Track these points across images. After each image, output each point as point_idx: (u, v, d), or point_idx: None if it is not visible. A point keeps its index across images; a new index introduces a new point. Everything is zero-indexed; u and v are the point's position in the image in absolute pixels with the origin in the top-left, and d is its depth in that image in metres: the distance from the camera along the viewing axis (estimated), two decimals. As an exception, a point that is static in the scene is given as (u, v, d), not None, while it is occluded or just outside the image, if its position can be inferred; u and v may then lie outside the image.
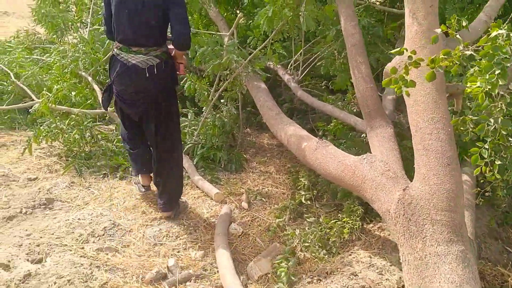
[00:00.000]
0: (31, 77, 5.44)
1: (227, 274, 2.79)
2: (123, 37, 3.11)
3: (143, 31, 3.06)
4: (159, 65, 3.12)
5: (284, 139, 3.38)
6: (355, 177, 2.69)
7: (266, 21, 3.69)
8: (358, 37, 3.21)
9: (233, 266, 2.88)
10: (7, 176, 4.10)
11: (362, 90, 3.10)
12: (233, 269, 2.85)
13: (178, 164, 3.50)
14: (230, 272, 2.80)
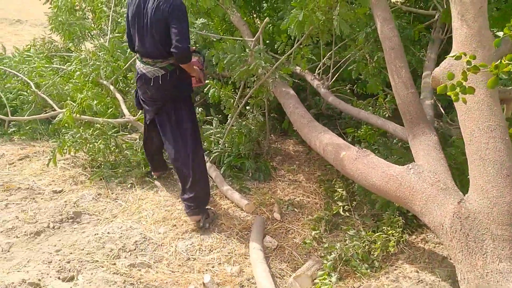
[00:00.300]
0: (52, 87, 5.36)
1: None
2: (137, 48, 3.45)
3: (150, 44, 3.31)
4: (164, 76, 3.37)
5: (320, 148, 3.25)
6: (402, 188, 2.56)
7: (296, 26, 3.56)
8: (396, 40, 3.08)
9: (272, 282, 2.76)
10: (32, 189, 4.02)
11: (403, 96, 2.96)
12: (273, 286, 2.73)
13: (195, 168, 3.51)
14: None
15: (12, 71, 5.75)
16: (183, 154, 3.50)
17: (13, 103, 5.42)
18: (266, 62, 3.99)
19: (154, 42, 3.28)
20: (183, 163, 3.50)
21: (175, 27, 3.15)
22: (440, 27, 4.37)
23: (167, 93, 3.44)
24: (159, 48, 3.29)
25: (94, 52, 5.34)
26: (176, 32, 3.15)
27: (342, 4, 3.26)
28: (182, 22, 3.18)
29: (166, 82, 3.38)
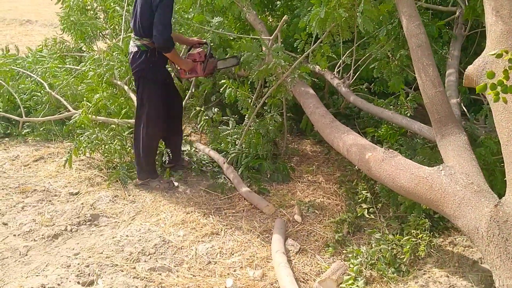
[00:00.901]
0: (66, 87, 5.32)
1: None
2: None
3: (134, 22, 3.67)
4: (135, 54, 3.68)
5: (343, 149, 3.16)
6: (433, 190, 2.47)
7: (318, 23, 3.48)
8: (423, 37, 2.98)
9: (297, 287, 2.68)
10: (48, 191, 3.97)
11: (431, 95, 2.87)
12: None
13: (136, 143, 3.94)
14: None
15: (26, 71, 5.71)
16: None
17: (27, 103, 5.38)
18: (285, 61, 3.91)
19: (136, 20, 3.62)
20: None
21: (157, 16, 3.43)
22: (463, 24, 4.27)
23: (135, 70, 3.73)
24: (138, 26, 3.61)
25: (108, 52, 5.28)
26: (157, 21, 3.44)
27: (366, 1, 3.17)
28: (165, 12, 3.45)
29: (135, 60, 3.68)
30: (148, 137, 3.88)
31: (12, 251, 3.12)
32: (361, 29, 3.22)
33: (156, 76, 3.77)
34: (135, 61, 3.71)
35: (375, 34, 4.16)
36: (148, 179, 4.02)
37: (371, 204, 3.46)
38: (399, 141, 3.92)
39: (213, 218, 3.57)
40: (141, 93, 3.81)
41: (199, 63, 3.94)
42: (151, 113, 3.83)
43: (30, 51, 6.59)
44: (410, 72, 4.00)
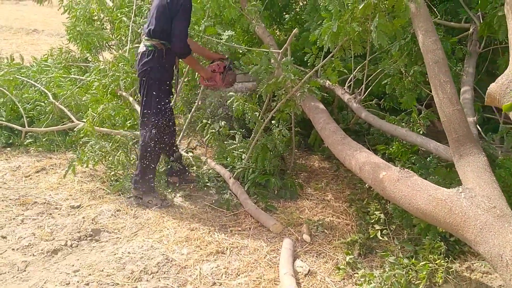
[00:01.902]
0: (70, 97, 5.23)
1: (303, 323, 2.46)
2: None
3: (147, 23, 3.74)
4: (143, 53, 3.70)
5: (355, 167, 3.04)
6: (453, 214, 2.34)
7: (330, 37, 3.37)
8: (440, 53, 2.88)
9: (307, 312, 2.55)
10: (49, 204, 3.87)
11: (448, 113, 2.76)
12: (308, 316, 2.52)
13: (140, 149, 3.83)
14: (306, 321, 2.47)
15: (30, 81, 5.63)
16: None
17: (30, 113, 5.29)
18: (295, 75, 3.81)
19: (149, 21, 3.70)
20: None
21: (175, 21, 3.53)
22: (477, 40, 4.17)
23: (141, 70, 3.72)
24: (149, 27, 3.65)
25: (113, 62, 5.20)
26: (175, 27, 3.55)
27: (381, 15, 3.06)
28: (183, 18, 3.54)
29: (143, 59, 3.70)
30: (152, 141, 3.79)
31: (10, 266, 3.01)
32: (375, 43, 3.11)
33: (162, 77, 3.75)
34: (142, 60, 3.71)
35: (387, 49, 4.07)
36: (144, 193, 3.87)
37: (384, 225, 3.32)
38: (411, 160, 3.80)
39: (218, 235, 3.45)
40: (146, 94, 3.75)
41: (218, 74, 4.00)
42: (156, 117, 3.77)
43: (35, 60, 6.51)
44: (424, 88, 3.89)
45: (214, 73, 4.02)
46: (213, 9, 4.56)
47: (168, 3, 3.53)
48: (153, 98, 3.73)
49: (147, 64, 3.68)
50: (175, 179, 4.21)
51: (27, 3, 22.28)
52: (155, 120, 3.76)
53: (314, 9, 4.84)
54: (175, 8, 3.52)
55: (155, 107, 3.75)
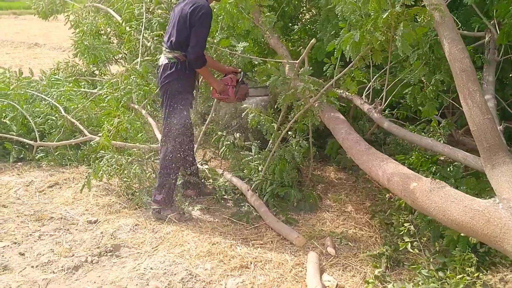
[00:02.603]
0: (82, 111, 5.18)
1: None
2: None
3: (167, 35, 3.74)
4: (166, 66, 3.67)
5: (383, 178, 2.99)
6: (491, 225, 2.28)
7: (352, 47, 3.35)
8: (467, 62, 2.84)
9: (341, 328, 2.48)
10: (66, 219, 3.80)
11: (478, 122, 2.71)
12: (342, 332, 2.45)
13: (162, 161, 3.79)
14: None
15: (40, 94, 5.59)
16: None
17: (41, 127, 5.24)
18: (313, 85, 3.78)
19: (169, 33, 3.69)
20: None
21: (192, 32, 3.52)
22: (495, 49, 4.15)
23: (163, 82, 3.69)
24: (170, 39, 3.64)
25: (125, 75, 5.16)
26: (191, 37, 3.53)
27: (406, 24, 3.04)
28: (201, 28, 3.52)
29: (165, 71, 3.67)
30: (173, 153, 3.76)
31: (31, 284, 2.94)
32: (400, 53, 3.08)
33: (184, 89, 3.73)
34: (164, 73, 3.68)
35: (403, 59, 4.04)
36: (162, 206, 3.81)
37: (413, 237, 3.25)
38: (431, 169, 3.75)
39: (240, 249, 3.39)
40: (168, 106, 3.72)
41: (230, 87, 3.95)
42: (178, 129, 3.74)
43: (44, 74, 6.47)
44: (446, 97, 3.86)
45: (226, 86, 3.99)
46: (227, 21, 4.55)
47: (189, 14, 3.51)
48: (176, 110, 3.70)
49: (170, 76, 3.65)
50: (192, 192, 4.16)
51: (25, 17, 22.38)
52: (178, 132, 3.73)
53: (327, 20, 4.83)
54: (195, 19, 3.50)
55: (178, 119, 3.71)
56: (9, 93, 5.51)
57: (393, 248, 3.22)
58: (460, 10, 5.00)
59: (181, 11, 3.58)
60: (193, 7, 3.51)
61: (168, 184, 3.77)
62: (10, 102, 5.33)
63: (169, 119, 3.73)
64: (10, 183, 4.50)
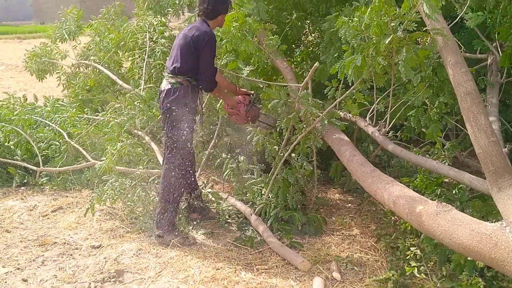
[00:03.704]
0: (85, 136, 5.21)
1: None
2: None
3: (169, 60, 3.77)
4: (169, 91, 3.67)
5: (389, 200, 2.97)
6: (499, 249, 2.26)
7: (354, 71, 3.37)
8: (471, 84, 2.86)
9: None
10: (69, 244, 3.78)
11: (483, 145, 2.71)
12: None
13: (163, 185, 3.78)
14: None
15: (45, 120, 5.63)
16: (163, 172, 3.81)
17: (44, 152, 5.25)
18: (315, 108, 3.80)
19: (173, 59, 3.69)
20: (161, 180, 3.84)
21: (201, 59, 3.59)
22: (498, 71, 4.17)
23: (166, 107, 3.68)
24: (174, 64, 3.65)
25: (129, 101, 5.20)
26: (201, 64, 3.61)
27: (408, 48, 3.06)
28: (209, 54, 3.60)
29: (168, 96, 3.66)
30: (174, 178, 3.76)
31: (33, 312, 2.91)
32: (402, 77, 3.09)
33: (186, 114, 3.71)
34: (167, 97, 3.67)
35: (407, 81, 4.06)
36: (166, 231, 3.79)
37: (420, 262, 3.22)
38: (436, 192, 3.73)
39: (245, 274, 3.35)
40: (170, 131, 3.72)
41: (242, 104, 4.01)
42: (181, 153, 3.75)
43: (48, 101, 6.51)
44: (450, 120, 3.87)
45: (239, 103, 4.02)
46: (231, 44, 4.58)
47: (193, 41, 3.56)
48: (178, 135, 3.70)
49: (173, 101, 3.65)
50: (196, 216, 4.14)
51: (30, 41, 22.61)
52: (180, 157, 3.73)
53: (330, 42, 4.87)
54: (200, 45, 3.55)
55: (180, 143, 3.71)
56: (13, 118, 5.54)
57: (399, 273, 3.18)
58: (462, 32, 5.05)
59: (184, 38, 3.62)
60: (197, 33, 3.57)
61: (170, 209, 3.76)
62: (14, 127, 5.36)
63: (171, 145, 3.73)
64: (13, 207, 4.49)
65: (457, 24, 4.97)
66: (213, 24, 3.75)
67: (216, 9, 3.67)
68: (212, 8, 3.65)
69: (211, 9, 3.65)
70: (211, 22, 3.72)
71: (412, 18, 3.02)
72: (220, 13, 3.72)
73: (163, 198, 3.78)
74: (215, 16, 3.70)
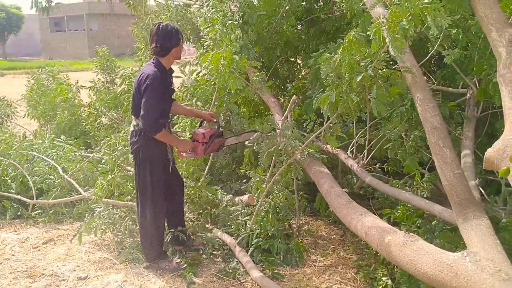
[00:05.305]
0: (79, 171, 5.37)
1: None
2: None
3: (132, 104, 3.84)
4: (132, 132, 3.79)
5: (361, 231, 3.07)
6: (458, 279, 2.35)
7: (329, 106, 3.52)
8: (438, 119, 2.99)
9: None
10: (56, 275, 3.87)
11: (449, 177, 2.82)
12: None
13: (140, 224, 3.91)
14: None
15: (41, 156, 5.79)
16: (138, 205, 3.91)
17: (39, 185, 5.39)
18: (295, 141, 3.93)
19: (131, 103, 3.84)
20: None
21: (143, 101, 3.56)
22: (474, 105, 4.30)
23: (132, 148, 3.80)
24: (133, 107, 3.79)
25: (123, 137, 5.36)
26: (142, 106, 3.56)
27: (378, 85, 3.21)
28: (150, 97, 3.54)
29: (133, 137, 3.77)
30: (151, 218, 3.83)
31: None
32: (374, 113, 3.24)
33: (152, 154, 3.77)
34: (131, 139, 3.80)
35: (387, 115, 4.20)
36: (157, 260, 3.90)
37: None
38: (416, 223, 3.82)
39: (226, 306, 3.42)
40: (138, 171, 3.80)
41: (200, 144, 3.89)
42: (151, 193, 3.81)
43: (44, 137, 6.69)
44: (425, 153, 3.98)
45: (196, 143, 3.91)
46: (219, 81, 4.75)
47: (138, 84, 3.63)
48: (146, 174, 3.78)
49: (136, 142, 3.74)
50: (180, 247, 4.22)
51: (38, 76, 23.19)
52: (151, 196, 3.82)
53: (316, 78, 5.04)
54: (143, 88, 3.57)
55: (150, 183, 3.79)
56: (11, 152, 5.72)
57: (375, 303, 3.24)
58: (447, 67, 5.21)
59: (135, 80, 3.72)
60: (141, 76, 3.62)
61: (153, 242, 3.88)
62: (11, 161, 5.53)
63: (141, 184, 3.81)
64: (6, 239, 4.59)
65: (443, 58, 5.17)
66: (168, 59, 3.75)
67: (165, 46, 3.65)
68: (161, 45, 3.64)
69: (160, 47, 3.64)
70: (165, 58, 3.71)
71: (382, 58, 3.18)
72: (171, 48, 3.68)
73: (143, 235, 3.92)
74: (166, 52, 3.68)
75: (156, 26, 3.67)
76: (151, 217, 3.82)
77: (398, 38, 2.91)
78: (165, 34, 3.63)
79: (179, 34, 3.72)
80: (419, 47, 4.78)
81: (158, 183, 3.82)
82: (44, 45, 45.62)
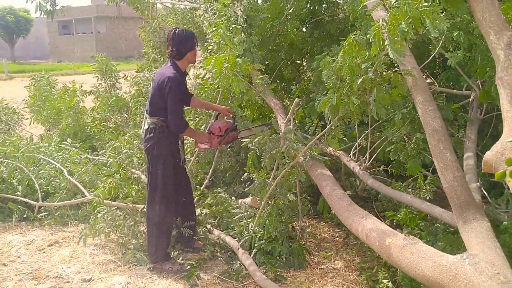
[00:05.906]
0: (85, 174, 5.41)
1: None
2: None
3: (148, 103, 3.98)
4: (147, 130, 3.91)
5: (362, 233, 3.08)
6: (457, 281, 2.35)
7: (330, 109, 3.53)
8: (439, 122, 2.99)
9: None
10: (61, 277, 3.91)
11: (449, 179, 2.83)
12: None
13: (148, 222, 3.97)
14: None
15: (48, 159, 5.84)
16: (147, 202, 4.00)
17: (45, 188, 5.44)
18: (297, 143, 3.94)
19: (149, 100, 3.96)
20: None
21: (168, 103, 3.76)
22: (478, 107, 4.29)
23: (146, 147, 3.92)
24: (150, 105, 3.91)
25: (128, 140, 5.41)
26: (168, 108, 3.77)
27: (379, 88, 3.22)
28: (173, 98, 3.75)
29: (147, 135, 3.89)
30: (160, 217, 3.91)
31: None
32: (374, 116, 3.25)
33: (165, 151, 3.92)
34: (146, 137, 3.91)
35: (390, 118, 4.20)
36: (161, 261, 3.95)
37: (393, 294, 3.29)
38: (419, 226, 3.82)
39: (228, 307, 3.43)
40: (151, 169, 3.93)
41: (216, 137, 4.13)
42: (162, 191, 3.91)
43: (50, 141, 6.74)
44: (427, 155, 3.98)
45: (212, 135, 4.14)
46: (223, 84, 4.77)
47: (159, 86, 3.79)
48: (158, 172, 3.89)
49: (150, 140, 3.87)
50: (180, 246, 4.28)
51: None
52: (161, 195, 3.89)
53: (319, 80, 5.05)
54: (166, 90, 3.74)
55: (161, 181, 3.89)
56: (17, 155, 5.77)
57: (377, 305, 3.25)
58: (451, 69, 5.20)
59: (154, 82, 3.89)
60: (161, 79, 3.78)
61: (159, 242, 3.90)
62: (18, 164, 5.59)
63: (153, 182, 3.91)
64: (12, 241, 4.65)
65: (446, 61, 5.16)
66: (183, 63, 3.93)
67: (181, 50, 3.83)
68: (177, 49, 3.82)
69: (176, 51, 3.83)
70: (180, 62, 3.89)
71: (382, 60, 3.19)
72: (186, 52, 3.86)
73: (149, 235, 3.96)
74: (182, 56, 3.86)
75: (173, 31, 3.85)
76: (160, 214, 3.90)
77: (397, 41, 2.92)
78: (181, 39, 3.81)
79: (194, 39, 3.91)
80: (422, 50, 4.77)
81: (169, 180, 3.93)
82: (53, 48, 45.94)
